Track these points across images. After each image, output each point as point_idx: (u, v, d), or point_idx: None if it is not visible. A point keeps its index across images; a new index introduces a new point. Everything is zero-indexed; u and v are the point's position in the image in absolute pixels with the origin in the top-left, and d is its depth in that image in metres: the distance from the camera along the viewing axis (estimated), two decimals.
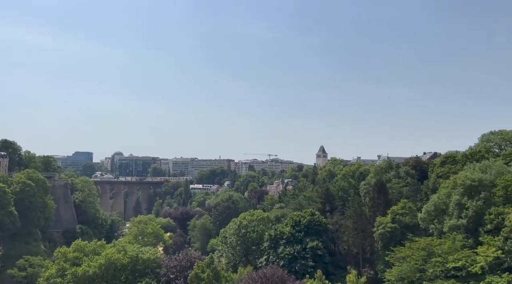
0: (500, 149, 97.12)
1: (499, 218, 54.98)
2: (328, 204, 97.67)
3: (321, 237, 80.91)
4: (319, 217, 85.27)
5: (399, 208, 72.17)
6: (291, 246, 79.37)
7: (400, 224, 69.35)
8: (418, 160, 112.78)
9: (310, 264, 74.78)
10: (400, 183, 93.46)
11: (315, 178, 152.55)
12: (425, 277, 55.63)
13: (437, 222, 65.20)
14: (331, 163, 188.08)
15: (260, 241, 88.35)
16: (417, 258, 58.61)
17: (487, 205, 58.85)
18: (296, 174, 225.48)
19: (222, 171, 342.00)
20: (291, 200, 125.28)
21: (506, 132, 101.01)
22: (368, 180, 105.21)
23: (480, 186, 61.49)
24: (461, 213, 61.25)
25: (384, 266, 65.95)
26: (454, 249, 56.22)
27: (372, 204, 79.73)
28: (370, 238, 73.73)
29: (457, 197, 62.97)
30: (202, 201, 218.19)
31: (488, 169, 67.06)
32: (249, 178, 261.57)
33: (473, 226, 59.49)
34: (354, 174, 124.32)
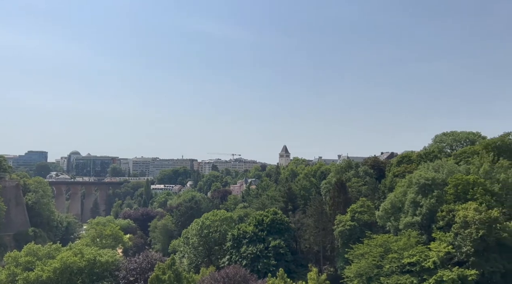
0: (452, 149, 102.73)
1: (450, 215, 58.04)
2: (291, 203, 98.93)
3: (283, 236, 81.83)
4: (281, 216, 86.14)
5: (358, 206, 74.30)
6: (254, 245, 79.67)
7: (359, 222, 71.43)
8: (376, 159, 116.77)
9: (272, 263, 75.42)
10: (359, 182, 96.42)
11: (278, 178, 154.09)
12: (382, 273, 57.63)
13: (394, 220, 67.81)
14: (294, 162, 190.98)
15: (223, 241, 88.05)
16: (374, 254, 60.61)
17: (440, 203, 61.98)
18: (260, 174, 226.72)
19: (184, 171, 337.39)
20: (254, 199, 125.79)
21: (457, 133, 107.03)
22: (329, 179, 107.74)
23: (433, 185, 64.68)
24: (416, 210, 64.12)
25: (344, 263, 67.66)
26: (409, 245, 58.63)
27: (333, 203, 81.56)
28: (330, 236, 75.39)
29: (412, 195, 65.86)
30: (163, 201, 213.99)
31: (441, 168, 70.69)
32: (213, 178, 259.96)
33: (426, 223, 62.44)
34: (316, 173, 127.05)
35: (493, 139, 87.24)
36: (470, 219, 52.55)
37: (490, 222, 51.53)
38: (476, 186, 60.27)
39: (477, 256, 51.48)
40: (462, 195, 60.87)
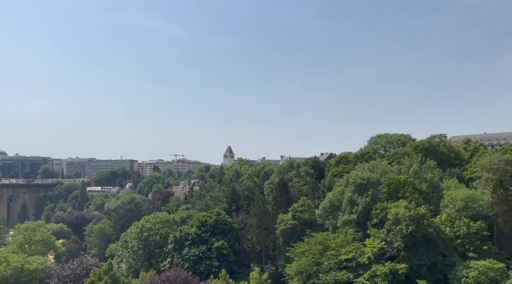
0: (385, 151, 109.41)
1: (383, 212, 61.62)
2: (234, 203, 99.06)
3: (227, 237, 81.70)
4: (225, 217, 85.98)
5: (299, 205, 76.20)
6: (197, 247, 78.67)
7: (300, 221, 73.25)
8: (316, 160, 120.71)
9: (215, 264, 74.97)
10: (300, 182, 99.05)
11: (222, 178, 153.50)
12: (321, 270, 59.59)
13: (332, 218, 70.55)
14: (238, 163, 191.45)
15: (164, 243, 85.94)
16: (314, 252, 62.54)
17: (374, 201, 65.60)
18: (203, 175, 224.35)
19: (124, 172, 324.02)
20: (197, 200, 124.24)
21: (390, 136, 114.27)
22: (272, 179, 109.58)
23: (368, 184, 68.31)
24: (353, 209, 67.30)
25: (285, 261, 69.01)
26: (346, 242, 61.30)
27: (275, 202, 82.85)
28: (272, 235, 76.53)
29: (349, 194, 69.01)
30: (101, 204, 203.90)
31: (375, 168, 74.91)
32: (154, 179, 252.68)
33: (362, 220, 65.73)
34: (259, 173, 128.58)
35: (421, 141, 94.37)
36: (401, 216, 56.15)
37: (418, 219, 55.43)
38: (406, 185, 64.65)
39: (407, 250, 55.11)
40: (394, 194, 64.95)
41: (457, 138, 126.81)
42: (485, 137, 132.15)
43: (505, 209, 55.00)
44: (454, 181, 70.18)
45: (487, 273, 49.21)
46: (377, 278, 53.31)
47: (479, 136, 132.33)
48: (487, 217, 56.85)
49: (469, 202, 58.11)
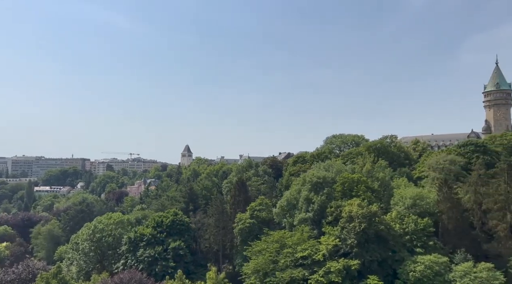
0: (340, 150, 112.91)
1: (338, 210, 63.49)
2: (192, 203, 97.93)
3: (184, 237, 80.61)
4: (182, 217, 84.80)
5: (257, 204, 76.78)
6: (152, 248, 76.89)
7: (257, 219, 73.83)
8: (275, 159, 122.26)
9: (171, 265, 73.66)
10: (258, 181, 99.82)
11: (179, 178, 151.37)
12: (277, 268, 60.36)
13: (289, 216, 71.72)
14: (196, 162, 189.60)
15: (117, 245, 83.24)
16: (271, 250, 63.23)
17: (329, 200, 67.46)
18: (160, 174, 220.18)
19: (75, 171, 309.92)
20: (153, 200, 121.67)
21: (344, 136, 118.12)
22: (230, 178, 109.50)
23: (324, 183, 70.14)
24: (309, 207, 68.81)
25: (242, 260, 69.21)
26: (302, 240, 62.55)
27: (233, 202, 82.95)
28: (230, 235, 76.50)
29: (305, 193, 70.49)
30: (49, 205, 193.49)
31: (331, 168, 77.11)
32: (107, 179, 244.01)
33: (317, 218, 67.35)
34: (218, 173, 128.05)
35: (374, 142, 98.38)
36: (354, 214, 58.13)
37: (370, 216, 57.66)
38: (359, 184, 67.07)
39: (359, 247, 57.14)
40: (348, 192, 67.15)
41: (407, 139, 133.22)
42: (432, 138, 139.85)
43: (449, 206, 58.52)
44: (404, 180, 73.69)
45: (432, 267, 52.12)
46: (331, 275, 54.83)
47: (427, 137, 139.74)
48: (433, 214, 60.20)
49: (417, 200, 61.23)
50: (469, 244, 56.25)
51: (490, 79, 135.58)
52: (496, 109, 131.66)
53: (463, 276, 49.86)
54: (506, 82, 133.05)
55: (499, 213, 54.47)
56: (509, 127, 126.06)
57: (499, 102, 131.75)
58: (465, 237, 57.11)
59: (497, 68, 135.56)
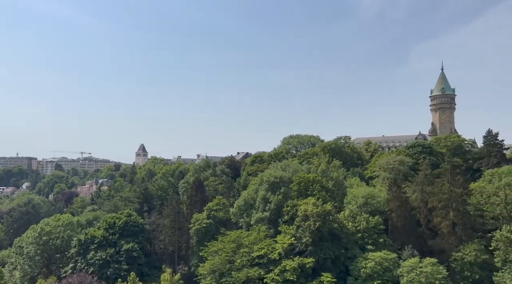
0: (297, 151, 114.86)
1: (294, 209, 64.48)
2: (147, 204, 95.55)
3: (137, 238, 78.43)
4: (136, 218, 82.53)
5: (214, 204, 76.26)
6: (104, 250, 74.09)
7: (214, 220, 73.34)
8: (233, 159, 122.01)
9: (124, 268, 71.30)
10: (216, 181, 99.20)
11: (133, 178, 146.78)
12: (234, 268, 60.34)
13: (246, 216, 71.89)
14: (152, 162, 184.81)
15: (66, 248, 79.43)
16: (227, 250, 63.08)
17: (286, 199, 68.39)
18: (113, 174, 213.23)
19: (20, 170, 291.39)
20: (106, 201, 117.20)
21: (301, 136, 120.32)
22: (187, 178, 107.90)
23: (280, 182, 71.06)
24: (266, 206, 69.38)
25: (198, 261, 68.46)
26: (259, 239, 62.97)
27: (190, 202, 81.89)
28: (186, 235, 75.45)
29: (263, 192, 71.01)
30: None
31: (287, 167, 78.23)
32: (56, 179, 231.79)
33: (274, 217, 68.06)
34: (174, 173, 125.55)
35: (329, 142, 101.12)
36: (309, 212, 59.30)
37: (324, 215, 59.06)
38: (315, 183, 68.57)
39: (314, 245, 58.35)
40: (304, 192, 68.42)
41: (360, 140, 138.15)
42: (383, 140, 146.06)
43: (398, 205, 61.29)
44: (356, 179, 76.27)
45: (382, 263, 54.37)
46: (287, 273, 55.60)
47: (378, 138, 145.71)
48: (383, 212, 62.79)
49: (368, 199, 63.59)
50: (415, 240, 59.24)
51: (436, 84, 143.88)
52: (441, 113, 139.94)
53: (410, 271, 52.40)
54: (450, 87, 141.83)
55: (443, 211, 57.77)
56: (453, 130, 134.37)
57: (444, 106, 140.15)
58: (412, 234, 60.08)
59: (442, 74, 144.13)
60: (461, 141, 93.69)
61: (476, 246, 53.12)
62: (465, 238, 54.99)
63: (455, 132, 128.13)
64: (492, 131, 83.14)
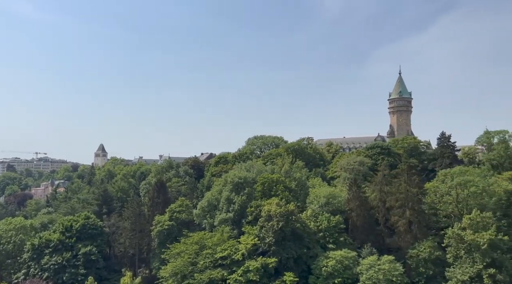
0: (261, 151, 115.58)
1: (257, 210, 64.76)
2: (106, 205, 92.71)
3: (96, 242, 75.96)
4: (94, 220, 79.85)
5: (176, 206, 75.22)
6: (60, 254, 71.14)
7: (177, 221, 72.30)
8: (196, 160, 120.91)
9: (81, 272, 68.75)
10: (179, 182, 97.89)
11: (92, 179, 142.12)
12: (196, 270, 59.71)
13: (210, 217, 71.40)
14: (112, 162, 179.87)
15: (18, 253, 75.58)
16: (190, 252, 62.34)
17: (249, 199, 68.57)
18: (70, 175, 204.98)
19: None
20: (62, 203, 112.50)
21: (265, 137, 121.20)
22: (149, 179, 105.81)
23: (245, 183, 71.12)
24: (230, 207, 69.23)
25: (160, 263, 67.22)
26: (222, 241, 62.69)
27: (152, 203, 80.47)
28: (147, 238, 73.98)
29: (226, 193, 70.81)
30: None
31: (252, 168, 78.50)
32: (7, 180, 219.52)
33: (238, 218, 68.05)
34: (135, 174, 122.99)
35: (292, 143, 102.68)
36: (273, 213, 59.77)
37: (287, 215, 59.71)
38: (278, 184, 69.22)
39: (277, 245, 58.86)
40: (267, 192, 68.87)
41: (322, 141, 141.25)
42: (344, 141, 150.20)
43: (357, 204, 63.17)
44: (318, 179, 77.86)
45: (342, 261, 55.74)
46: (250, 274, 55.73)
47: (339, 139, 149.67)
48: (343, 212, 64.43)
49: (330, 199, 65.04)
50: (374, 239, 61.29)
51: (394, 87, 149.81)
52: (399, 115, 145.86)
53: (369, 268, 54.12)
54: (407, 91, 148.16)
55: (400, 210, 60.16)
56: (409, 132, 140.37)
57: (402, 108, 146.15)
58: (371, 233, 62.12)
59: (400, 78, 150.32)
60: (417, 143, 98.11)
61: (430, 243, 55.65)
62: (420, 235, 57.49)
63: (412, 134, 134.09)
64: (445, 134, 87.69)
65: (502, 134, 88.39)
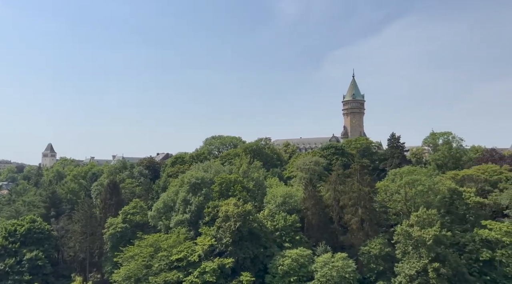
0: (219, 151, 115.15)
1: (215, 210, 64.39)
2: (54, 208, 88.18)
3: (43, 246, 71.95)
4: (41, 224, 75.49)
5: (130, 207, 73.20)
6: (2, 260, 66.96)
7: (131, 223, 70.31)
8: (152, 160, 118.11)
9: (26, 279, 65.02)
10: (133, 183, 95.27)
11: (39, 180, 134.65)
12: (151, 272, 58.28)
13: (165, 219, 69.99)
14: (61, 163, 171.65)
15: None
16: (145, 255, 60.76)
17: (207, 200, 68.00)
18: (15, 176, 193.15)
19: None
20: (5, 206, 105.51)
21: (223, 137, 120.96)
22: (101, 181, 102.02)
23: (202, 184, 70.48)
24: (186, 208, 68.23)
25: (112, 267, 65.01)
26: (178, 242, 61.66)
27: (104, 205, 77.75)
28: (99, 241, 71.32)
29: (183, 194, 69.76)
30: None
31: (209, 168, 77.94)
32: None
33: (195, 219, 67.23)
34: (87, 174, 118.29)
35: (250, 143, 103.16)
36: (230, 213, 59.67)
37: (245, 215, 59.87)
38: (236, 184, 69.29)
39: (234, 245, 58.81)
40: (225, 192, 68.72)
41: (279, 141, 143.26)
42: (301, 141, 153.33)
43: (313, 203, 64.62)
44: (276, 179, 78.82)
45: (298, 260, 56.73)
46: (206, 275, 55.23)
47: (296, 140, 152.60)
48: (299, 211, 65.65)
49: (286, 198, 66.02)
50: (329, 237, 63.01)
51: (348, 90, 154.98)
52: (352, 117, 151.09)
53: (323, 266, 55.50)
54: (360, 93, 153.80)
55: (353, 208, 62.26)
56: (362, 133, 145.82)
57: (355, 110, 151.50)
58: (326, 231, 63.79)
59: (353, 81, 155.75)
60: (369, 144, 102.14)
61: (380, 240, 58.04)
62: (371, 233, 59.83)
63: (364, 135, 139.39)
64: (395, 135, 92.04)
65: (446, 136, 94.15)
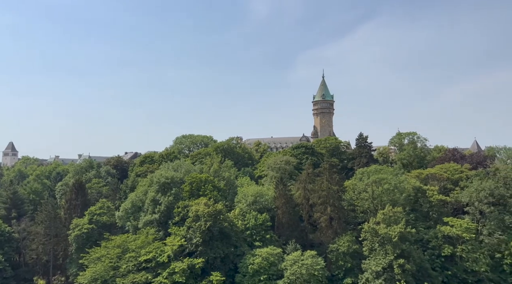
0: (189, 151, 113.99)
1: (185, 210, 63.61)
2: (16, 209, 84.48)
3: (3, 249, 69.09)
4: (1, 226, 72.57)
5: (97, 208, 71.36)
6: None
7: (97, 224, 68.48)
8: (120, 159, 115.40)
9: None
10: (100, 183, 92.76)
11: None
12: (118, 274, 56.96)
13: (133, 219, 68.54)
14: (23, 162, 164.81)
15: None
16: (112, 256, 59.30)
17: (177, 200, 67.09)
18: None
19: None
20: None
21: (194, 136, 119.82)
22: (66, 180, 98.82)
23: (172, 183, 69.46)
24: (155, 208, 67.06)
25: (78, 269, 63.13)
26: (147, 243, 60.53)
27: (69, 206, 75.32)
28: (64, 243, 68.98)
29: (152, 194, 68.50)
30: None
31: (179, 168, 76.92)
32: None
33: (164, 219, 66.19)
34: (51, 174, 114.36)
35: (221, 143, 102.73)
36: (201, 213, 59.16)
37: (215, 214, 59.54)
38: (207, 183, 68.75)
39: (204, 245, 58.38)
40: (196, 192, 68.03)
41: (251, 140, 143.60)
42: (272, 141, 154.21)
43: (283, 202, 65.13)
44: (247, 179, 78.89)
45: (268, 258, 57.02)
46: (176, 275, 54.57)
47: (267, 139, 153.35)
48: (270, 210, 66.01)
49: (257, 197, 66.19)
50: (299, 235, 63.74)
51: (318, 90, 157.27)
52: (322, 117, 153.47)
53: (293, 264, 56.05)
54: (330, 94, 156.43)
55: (322, 206, 63.26)
56: (331, 133, 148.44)
57: (324, 110, 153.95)
58: (296, 229, 64.48)
59: (323, 81, 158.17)
60: (338, 143, 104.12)
61: (348, 238, 59.33)
62: (340, 230, 61.02)
63: (333, 134, 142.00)
64: (363, 135, 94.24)
65: (411, 136, 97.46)
